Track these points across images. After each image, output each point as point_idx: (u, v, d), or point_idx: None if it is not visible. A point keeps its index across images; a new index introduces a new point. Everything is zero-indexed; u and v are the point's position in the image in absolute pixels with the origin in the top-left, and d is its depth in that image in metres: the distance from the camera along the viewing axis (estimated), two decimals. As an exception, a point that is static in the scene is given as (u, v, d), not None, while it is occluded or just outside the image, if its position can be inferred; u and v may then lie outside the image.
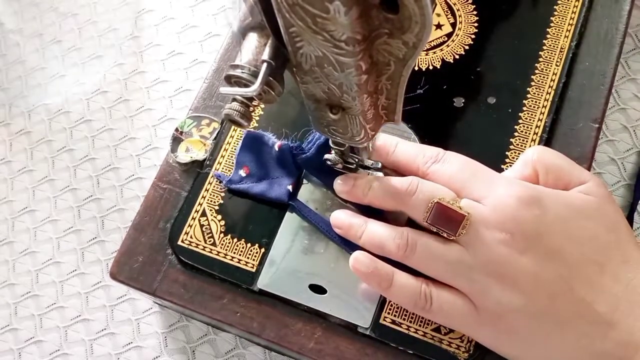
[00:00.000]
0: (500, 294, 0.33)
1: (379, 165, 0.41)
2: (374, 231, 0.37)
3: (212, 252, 0.42)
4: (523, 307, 0.33)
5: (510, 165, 0.41)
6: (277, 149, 0.42)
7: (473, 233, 0.33)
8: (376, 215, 0.39)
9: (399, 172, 0.39)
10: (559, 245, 0.33)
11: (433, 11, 0.36)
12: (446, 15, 0.47)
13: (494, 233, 0.33)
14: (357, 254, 0.37)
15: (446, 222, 0.34)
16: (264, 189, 0.42)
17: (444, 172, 0.37)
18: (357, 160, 0.40)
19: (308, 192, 0.42)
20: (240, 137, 0.45)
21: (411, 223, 0.38)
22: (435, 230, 0.35)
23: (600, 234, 0.33)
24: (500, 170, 0.41)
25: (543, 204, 0.34)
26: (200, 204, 0.43)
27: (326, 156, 0.40)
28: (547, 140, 0.42)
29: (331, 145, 0.39)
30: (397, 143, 0.39)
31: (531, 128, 0.42)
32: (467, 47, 0.46)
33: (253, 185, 0.43)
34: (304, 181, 0.43)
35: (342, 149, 0.38)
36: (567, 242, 0.33)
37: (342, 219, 0.39)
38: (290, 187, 0.42)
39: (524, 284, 0.33)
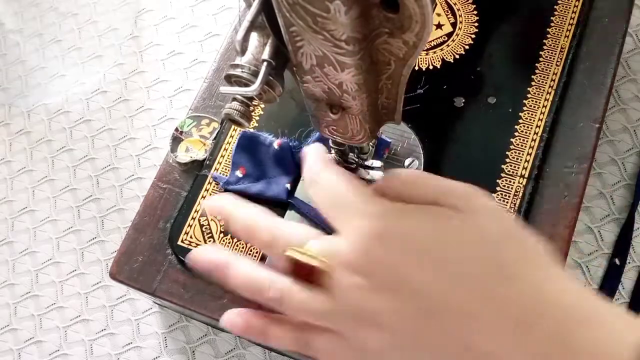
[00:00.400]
0: (365, 335, 0.31)
1: (379, 164, 0.41)
2: (243, 276, 0.34)
3: (212, 252, 0.42)
4: (390, 343, 0.31)
5: (511, 165, 0.41)
6: (276, 147, 0.43)
7: (330, 278, 0.31)
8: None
9: None
10: (418, 277, 0.30)
11: (433, 11, 0.35)
12: (446, 15, 0.47)
13: (350, 276, 0.30)
14: (226, 315, 0.34)
15: (307, 274, 0.31)
16: (261, 188, 0.42)
17: (315, 204, 0.33)
18: (357, 160, 0.40)
19: (308, 192, 0.42)
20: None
21: None
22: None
23: (470, 254, 0.30)
24: (500, 170, 0.41)
25: (397, 235, 0.30)
26: (200, 204, 0.43)
27: None
28: (548, 140, 0.42)
29: (331, 145, 0.39)
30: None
31: (531, 128, 0.42)
32: (467, 47, 0.46)
33: (250, 185, 0.43)
34: (302, 179, 0.43)
35: (342, 148, 0.38)
36: (428, 272, 0.30)
37: (206, 259, 0.35)
38: (288, 185, 0.42)
39: (387, 322, 0.30)
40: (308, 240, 0.32)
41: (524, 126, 0.43)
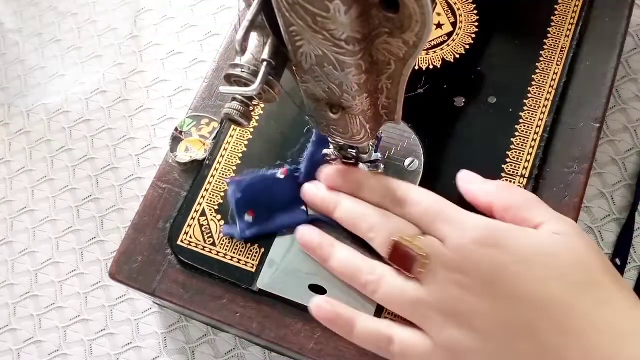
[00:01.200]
0: (454, 333, 0.33)
1: (379, 156, 0.41)
2: (345, 259, 0.37)
3: (211, 252, 0.41)
4: (478, 347, 0.32)
5: (511, 165, 0.41)
6: (282, 176, 0.41)
7: (431, 272, 0.34)
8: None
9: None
10: (518, 286, 0.31)
11: (433, 10, 0.35)
12: (446, 15, 0.47)
13: (450, 274, 0.33)
14: (318, 299, 0.37)
15: (403, 260, 0.34)
16: (280, 222, 0.41)
17: (409, 215, 0.36)
18: (355, 154, 0.40)
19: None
20: (240, 136, 0.45)
21: None
22: (396, 268, 0.35)
23: (568, 273, 0.31)
24: (500, 170, 0.41)
25: (502, 244, 0.33)
26: (200, 204, 0.43)
27: (325, 151, 0.40)
28: (548, 140, 0.42)
29: (330, 141, 0.39)
30: (360, 179, 0.39)
31: (532, 128, 0.42)
32: (467, 47, 0.45)
33: (268, 224, 0.41)
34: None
35: (341, 142, 0.38)
36: (528, 282, 0.31)
37: (309, 238, 0.39)
38: (304, 207, 0.41)
39: (479, 325, 0.32)
40: (413, 233, 0.35)
41: (525, 126, 0.42)
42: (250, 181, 0.42)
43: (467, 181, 0.39)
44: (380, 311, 0.38)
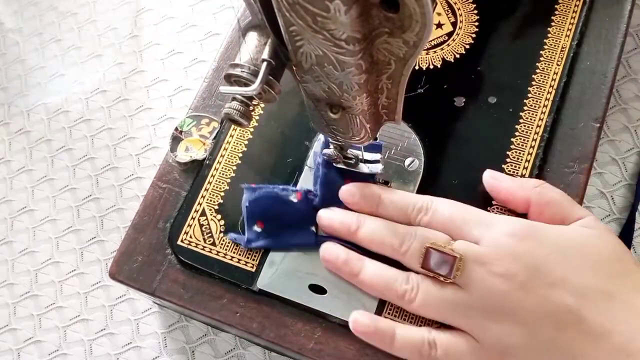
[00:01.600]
0: (500, 330, 0.33)
1: (378, 157, 0.41)
2: (376, 271, 0.37)
3: (211, 252, 0.41)
4: (526, 341, 0.32)
5: (511, 165, 0.41)
6: (296, 200, 0.41)
7: (468, 272, 0.34)
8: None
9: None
10: (560, 275, 0.32)
11: (434, 10, 0.35)
12: (447, 15, 0.47)
13: (490, 269, 0.33)
14: (355, 314, 0.37)
15: (440, 265, 0.34)
16: (288, 239, 0.40)
17: (436, 224, 0.37)
18: (355, 154, 0.40)
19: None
20: (240, 136, 0.45)
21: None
22: (432, 275, 0.35)
23: (605, 263, 0.33)
24: (501, 170, 0.41)
25: (539, 236, 0.34)
26: (200, 204, 0.43)
27: (325, 151, 0.40)
28: (548, 140, 0.42)
29: (330, 141, 0.39)
30: (380, 194, 0.38)
31: (532, 128, 0.42)
32: (467, 47, 0.45)
33: (274, 239, 0.41)
34: (304, 179, 0.42)
35: (340, 142, 0.38)
36: (569, 272, 0.32)
37: (335, 254, 0.38)
38: (313, 228, 0.40)
39: (525, 317, 0.32)
40: (443, 239, 0.35)
41: (525, 126, 0.42)
42: (264, 193, 0.41)
43: (497, 179, 0.39)
44: (381, 308, 0.38)
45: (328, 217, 0.39)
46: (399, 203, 0.38)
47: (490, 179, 0.39)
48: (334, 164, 0.41)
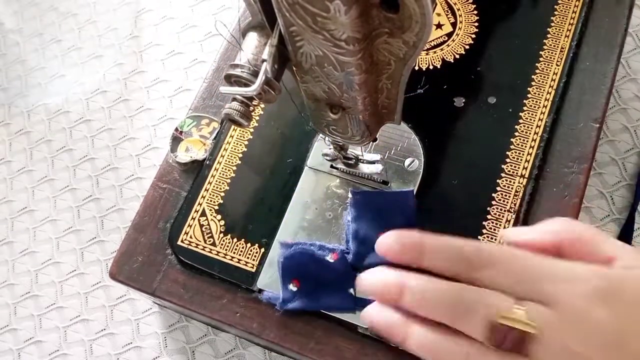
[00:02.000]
0: None
1: (378, 157, 0.41)
2: (425, 343, 0.30)
3: (211, 252, 0.42)
4: None
5: (511, 165, 0.41)
6: (332, 260, 0.39)
7: (544, 346, 0.29)
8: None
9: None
10: None
11: (433, 11, 0.35)
12: (446, 15, 0.47)
13: (566, 344, 0.28)
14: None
15: (511, 341, 0.29)
16: (325, 302, 0.39)
17: (502, 281, 0.30)
18: (355, 154, 0.40)
19: (308, 192, 0.42)
20: (240, 136, 0.45)
21: None
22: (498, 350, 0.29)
23: None
24: (500, 170, 0.41)
25: (620, 298, 0.28)
26: (200, 204, 0.43)
27: (324, 151, 0.40)
28: (548, 140, 0.42)
29: (327, 142, 0.39)
30: (422, 242, 0.31)
31: (532, 128, 0.42)
32: (467, 47, 0.45)
33: (310, 301, 0.39)
34: (304, 179, 0.43)
35: (341, 143, 0.38)
36: None
37: (376, 322, 0.32)
38: (352, 291, 0.39)
39: None
40: (511, 307, 0.29)
41: (524, 126, 0.42)
42: (300, 250, 0.39)
43: (520, 234, 0.33)
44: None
45: (367, 283, 0.33)
46: (448, 252, 0.31)
47: (512, 237, 0.33)
48: (364, 213, 0.38)
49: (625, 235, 0.46)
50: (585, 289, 0.29)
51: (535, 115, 0.43)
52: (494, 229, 0.40)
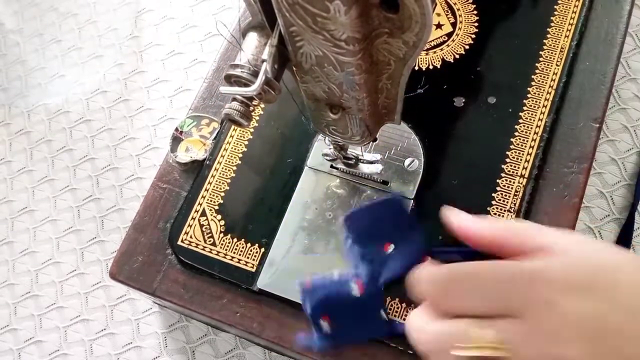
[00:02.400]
0: None
1: (378, 157, 0.41)
2: None
3: (212, 252, 0.42)
4: None
5: (511, 165, 0.41)
6: (358, 293, 0.36)
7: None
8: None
9: None
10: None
11: (433, 11, 0.35)
12: (446, 15, 0.47)
13: (543, 351, 0.27)
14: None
15: None
16: (361, 334, 0.37)
17: (464, 308, 0.29)
18: (355, 154, 0.40)
19: (308, 192, 0.42)
20: (240, 137, 0.45)
21: None
22: None
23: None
24: (500, 170, 0.41)
25: (576, 284, 0.27)
26: (200, 204, 0.43)
27: (324, 151, 0.40)
28: (548, 140, 0.42)
29: (327, 142, 0.39)
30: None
31: (531, 128, 0.42)
32: (467, 47, 0.45)
33: (347, 336, 0.37)
34: (304, 179, 0.43)
35: (340, 142, 0.38)
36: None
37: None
38: (384, 314, 0.37)
39: None
40: (469, 331, 0.28)
41: (524, 126, 0.42)
42: (322, 292, 0.36)
43: (461, 220, 0.31)
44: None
45: (417, 338, 0.30)
46: (426, 284, 0.30)
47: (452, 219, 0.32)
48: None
49: (625, 235, 0.46)
50: (545, 288, 0.27)
51: (535, 115, 0.43)
52: (494, 229, 0.40)
